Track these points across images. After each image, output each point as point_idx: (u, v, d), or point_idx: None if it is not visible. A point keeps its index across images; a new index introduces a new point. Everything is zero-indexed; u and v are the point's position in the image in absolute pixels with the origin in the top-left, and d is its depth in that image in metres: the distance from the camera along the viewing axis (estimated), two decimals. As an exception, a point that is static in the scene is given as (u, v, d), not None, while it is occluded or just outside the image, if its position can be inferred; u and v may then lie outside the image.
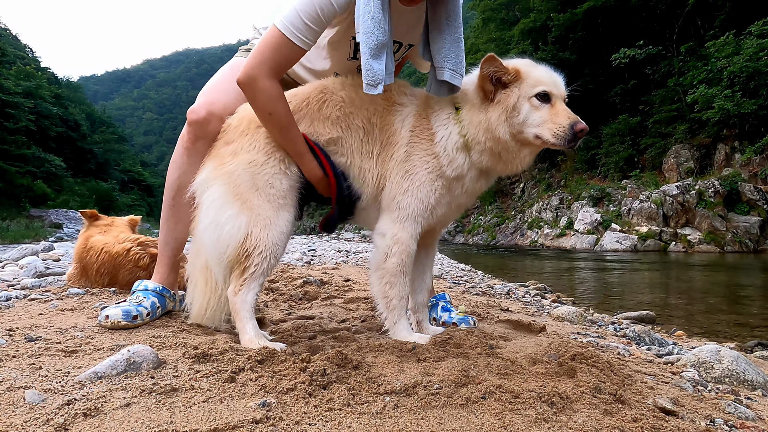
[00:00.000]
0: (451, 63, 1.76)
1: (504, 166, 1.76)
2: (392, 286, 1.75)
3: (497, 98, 1.69)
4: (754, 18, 16.49)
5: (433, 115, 1.79)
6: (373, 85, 1.64)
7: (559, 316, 3.12)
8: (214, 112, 1.87)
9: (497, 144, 1.70)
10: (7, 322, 1.80)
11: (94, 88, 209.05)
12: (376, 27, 1.61)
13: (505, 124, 1.67)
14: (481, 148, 1.73)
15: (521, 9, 30.25)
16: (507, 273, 8.07)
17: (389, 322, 1.78)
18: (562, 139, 1.62)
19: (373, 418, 1.08)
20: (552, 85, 1.68)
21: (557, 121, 1.64)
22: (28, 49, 54.59)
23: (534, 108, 1.66)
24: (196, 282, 1.80)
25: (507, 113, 1.67)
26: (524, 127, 1.66)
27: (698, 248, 14.63)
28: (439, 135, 1.76)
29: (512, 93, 1.67)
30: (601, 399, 1.21)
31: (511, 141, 1.69)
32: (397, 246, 1.74)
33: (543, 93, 1.66)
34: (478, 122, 1.71)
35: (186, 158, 1.93)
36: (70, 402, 1.08)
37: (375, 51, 1.63)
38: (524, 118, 1.66)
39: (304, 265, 5.72)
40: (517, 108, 1.66)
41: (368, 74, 1.63)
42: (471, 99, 1.75)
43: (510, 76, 1.68)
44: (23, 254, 5.33)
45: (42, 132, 35.83)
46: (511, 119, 1.67)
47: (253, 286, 1.69)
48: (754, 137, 16.79)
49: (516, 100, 1.66)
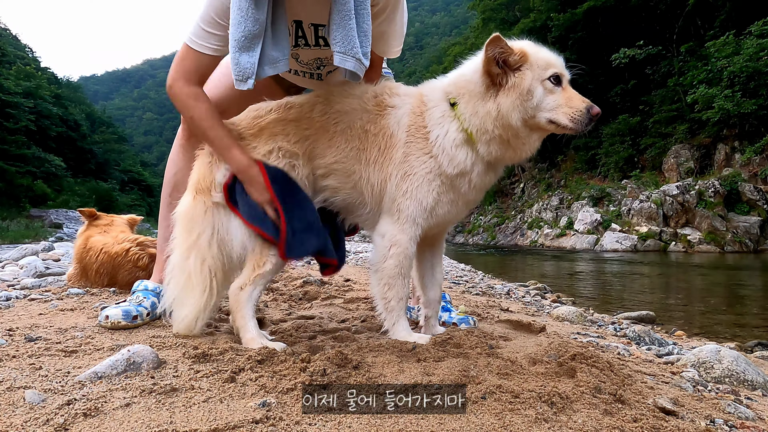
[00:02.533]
0: (339, 45, 1.58)
1: (513, 153, 1.70)
2: (390, 288, 1.75)
3: (510, 82, 1.61)
4: (754, 18, 16.50)
5: (427, 113, 1.74)
6: (242, 80, 1.58)
7: (559, 316, 3.12)
8: None
9: (507, 131, 1.64)
10: (7, 322, 1.80)
11: (94, 88, 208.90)
12: (243, 17, 1.53)
13: (519, 109, 1.60)
14: (488, 138, 1.66)
15: (521, 9, 30.27)
16: (507, 273, 8.07)
17: (388, 323, 1.77)
18: (580, 124, 1.57)
19: (373, 418, 1.08)
20: (561, 67, 1.64)
21: (573, 105, 1.59)
22: (28, 49, 54.60)
23: (548, 91, 1.60)
24: (192, 286, 1.66)
25: (521, 97, 1.59)
26: (537, 112, 1.60)
27: (698, 248, 14.63)
28: (434, 134, 1.71)
29: (525, 76, 1.60)
30: (601, 399, 1.21)
31: (522, 127, 1.62)
32: (395, 248, 1.72)
33: (555, 75, 1.61)
34: (486, 112, 1.64)
35: (181, 155, 1.96)
36: (70, 402, 1.08)
37: (243, 43, 1.55)
38: (538, 102, 1.59)
39: (304, 265, 5.72)
40: (531, 91, 1.59)
41: (235, 69, 1.57)
42: (471, 89, 1.68)
43: (517, 57, 1.60)
44: (23, 254, 5.33)
45: (42, 132, 35.81)
46: (525, 103, 1.59)
47: (261, 283, 1.70)
48: (754, 137, 16.80)
49: (530, 83, 1.59)
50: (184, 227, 1.70)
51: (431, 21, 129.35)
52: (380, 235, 1.76)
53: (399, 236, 1.72)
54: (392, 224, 1.74)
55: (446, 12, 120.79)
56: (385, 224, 1.76)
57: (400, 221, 1.72)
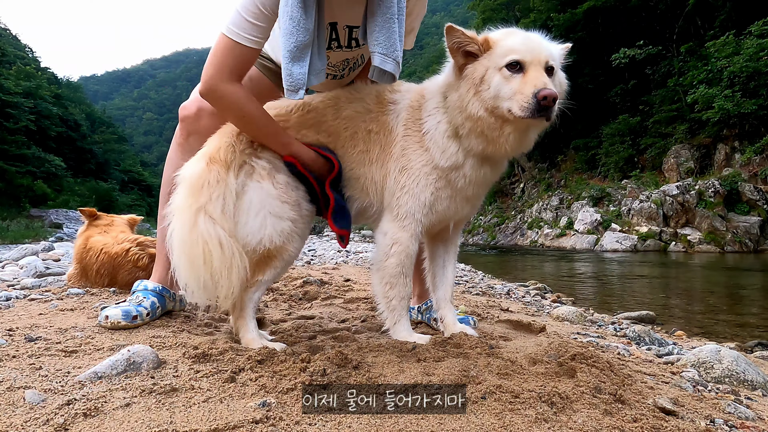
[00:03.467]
0: (381, 46, 1.61)
1: (493, 147, 1.62)
2: (392, 287, 1.74)
3: (465, 72, 1.57)
4: (754, 18, 16.49)
5: (424, 105, 1.73)
6: (294, 90, 1.58)
7: (559, 316, 3.12)
8: (204, 108, 1.89)
9: (475, 122, 1.58)
10: (7, 322, 1.80)
11: (94, 88, 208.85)
12: (295, 28, 1.53)
13: (476, 99, 1.55)
14: (463, 131, 1.62)
15: (521, 9, 30.26)
16: (507, 273, 8.07)
17: (389, 322, 1.77)
18: (527, 111, 1.45)
19: (373, 418, 1.08)
20: (526, 52, 1.51)
21: (524, 90, 1.47)
22: (28, 49, 54.53)
23: (505, 79, 1.51)
24: (229, 269, 1.53)
25: (475, 87, 1.54)
26: (498, 102, 1.52)
27: (698, 248, 14.62)
28: (427, 126, 1.70)
29: (479, 65, 1.55)
30: (601, 399, 1.21)
31: (488, 117, 1.56)
32: (396, 246, 1.72)
33: (513, 62, 1.50)
34: (454, 102, 1.61)
35: (180, 154, 1.95)
36: (70, 402, 1.08)
37: (295, 53, 1.56)
38: (496, 92, 1.52)
39: (304, 265, 5.72)
40: (486, 80, 1.53)
41: (287, 79, 1.57)
42: (449, 81, 1.66)
43: (477, 47, 1.55)
44: (23, 254, 5.33)
45: (42, 132, 35.79)
46: (481, 93, 1.54)
47: (263, 287, 1.70)
48: (754, 137, 16.79)
49: (484, 72, 1.53)
50: (191, 191, 1.57)
51: (431, 21, 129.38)
52: (382, 234, 1.76)
53: (400, 234, 1.71)
54: (393, 221, 1.73)
55: (446, 12, 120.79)
56: (386, 222, 1.76)
57: (400, 217, 1.71)
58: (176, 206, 1.59)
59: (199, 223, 1.52)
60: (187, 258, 1.52)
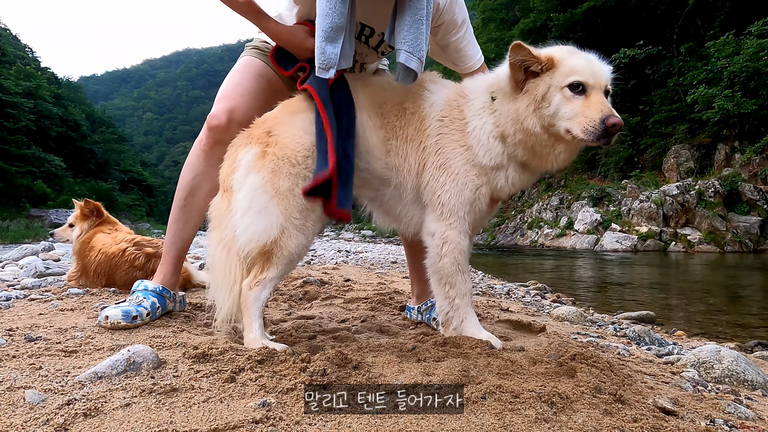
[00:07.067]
0: (408, 45, 1.68)
1: (539, 161, 1.67)
2: (452, 286, 1.72)
3: (526, 87, 1.61)
4: (754, 18, 16.48)
5: (467, 104, 1.75)
6: (325, 68, 1.64)
7: (559, 316, 3.12)
8: (234, 118, 1.89)
9: (527, 136, 1.62)
10: (7, 322, 1.80)
11: (94, 88, 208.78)
12: (331, 9, 1.61)
13: (534, 116, 1.59)
14: (512, 140, 1.66)
15: (521, 9, 30.23)
16: (507, 273, 8.07)
17: (456, 321, 1.74)
18: (592, 135, 1.50)
19: (373, 418, 1.08)
20: (589, 75, 1.56)
21: (588, 114, 1.51)
22: (28, 49, 54.47)
23: (566, 99, 1.55)
24: (230, 285, 1.68)
25: (536, 104, 1.58)
26: (555, 120, 1.57)
27: (698, 248, 14.62)
28: (472, 125, 1.71)
29: (542, 82, 1.58)
30: (601, 399, 1.21)
31: (543, 134, 1.60)
32: (447, 245, 1.70)
33: (576, 83, 1.55)
34: (508, 112, 1.64)
35: (203, 161, 1.95)
36: (70, 402, 1.08)
37: (329, 34, 1.62)
38: (555, 110, 1.56)
39: (304, 265, 5.72)
40: (547, 98, 1.57)
41: (320, 57, 1.64)
42: (502, 87, 1.69)
43: (541, 66, 1.58)
44: (23, 254, 5.33)
45: (42, 132, 35.78)
46: (541, 110, 1.58)
47: (270, 285, 1.68)
48: (754, 137, 16.79)
49: (546, 90, 1.57)
50: (214, 223, 1.75)
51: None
52: (430, 235, 1.74)
53: (448, 232, 1.71)
54: (438, 221, 1.72)
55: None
56: (431, 222, 1.74)
57: (444, 216, 1.71)
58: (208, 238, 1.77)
59: (218, 250, 1.74)
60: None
